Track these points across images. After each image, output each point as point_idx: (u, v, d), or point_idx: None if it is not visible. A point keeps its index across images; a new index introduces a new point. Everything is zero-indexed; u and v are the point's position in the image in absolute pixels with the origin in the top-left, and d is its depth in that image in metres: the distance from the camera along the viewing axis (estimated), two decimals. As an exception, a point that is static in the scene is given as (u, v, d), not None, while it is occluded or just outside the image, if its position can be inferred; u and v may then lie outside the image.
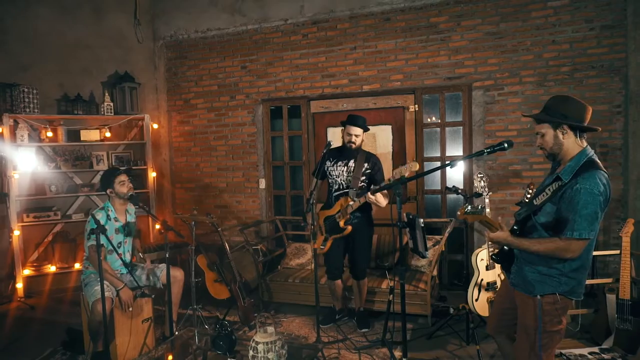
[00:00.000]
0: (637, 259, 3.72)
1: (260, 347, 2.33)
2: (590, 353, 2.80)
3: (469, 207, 2.00)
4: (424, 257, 2.21)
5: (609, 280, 3.44)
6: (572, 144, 2.14)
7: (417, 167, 2.69)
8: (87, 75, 5.54)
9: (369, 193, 3.38)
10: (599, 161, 2.12)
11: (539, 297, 2.12)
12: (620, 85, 4.28)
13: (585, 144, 2.16)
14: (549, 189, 2.15)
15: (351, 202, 3.62)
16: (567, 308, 2.18)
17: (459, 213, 2.03)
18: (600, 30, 4.29)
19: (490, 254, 2.33)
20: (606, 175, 2.06)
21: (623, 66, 4.25)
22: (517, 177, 4.62)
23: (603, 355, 2.77)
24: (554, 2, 4.39)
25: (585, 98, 4.32)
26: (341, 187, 3.80)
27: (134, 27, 5.74)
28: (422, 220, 2.18)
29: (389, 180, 3.23)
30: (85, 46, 5.51)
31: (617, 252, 3.36)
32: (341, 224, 3.66)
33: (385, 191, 3.43)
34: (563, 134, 2.12)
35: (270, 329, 2.42)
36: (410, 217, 2.24)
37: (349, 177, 3.76)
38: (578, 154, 2.12)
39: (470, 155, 2.34)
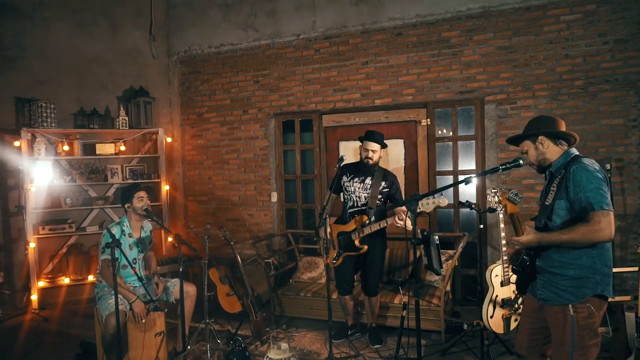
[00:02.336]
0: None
1: (274, 364, 2.32)
2: (609, 373, 2.74)
3: (511, 192, 2.04)
4: (438, 274, 2.19)
5: (628, 297, 3.37)
6: (553, 151, 2.27)
7: (445, 203, 2.67)
8: (103, 90, 5.64)
9: (396, 217, 3.37)
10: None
11: (571, 312, 2.09)
12: (635, 99, 4.24)
13: (566, 148, 2.28)
14: (553, 188, 2.22)
15: (367, 222, 3.61)
16: (601, 316, 2.15)
17: (500, 198, 2.07)
18: (614, 44, 4.27)
19: (512, 267, 2.31)
20: (595, 162, 2.17)
21: (638, 80, 4.21)
22: (530, 191, 4.57)
23: (623, 375, 2.71)
24: (567, 16, 4.39)
25: (600, 112, 4.33)
26: (356, 203, 3.79)
27: (149, 43, 5.84)
28: (437, 237, 2.16)
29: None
30: (102, 61, 5.62)
31: (635, 268, 3.30)
32: (357, 242, 3.65)
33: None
34: (542, 145, 2.27)
35: (284, 345, 2.41)
36: (425, 233, 2.23)
37: (365, 195, 3.75)
38: (563, 153, 2.26)
39: (484, 172, 2.35)
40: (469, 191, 4.89)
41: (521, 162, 2.24)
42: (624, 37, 4.24)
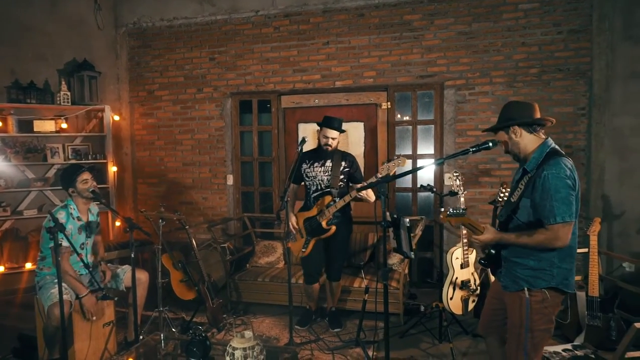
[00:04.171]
0: (603, 257, 3.84)
1: (237, 353, 2.21)
2: (564, 350, 2.86)
3: (450, 209, 1.98)
4: (408, 257, 2.16)
5: (579, 277, 3.52)
6: (528, 140, 2.23)
7: (405, 163, 2.67)
8: (42, 62, 5.16)
9: (358, 187, 3.32)
10: (561, 150, 2.20)
11: (527, 296, 2.11)
12: (585, 88, 4.41)
13: (543, 137, 2.24)
14: (521, 184, 2.21)
15: (331, 202, 3.54)
16: (558, 305, 2.20)
17: (441, 217, 2.02)
18: (568, 34, 4.40)
19: (479, 259, 2.32)
20: (570, 161, 2.13)
21: (588, 70, 4.38)
22: (486, 175, 4.68)
23: (576, 352, 2.83)
24: (525, 4, 4.46)
25: (552, 100, 4.46)
26: (319, 187, 3.71)
27: (94, 13, 5.40)
28: (407, 219, 2.12)
29: (375, 177, 3.19)
30: (40, 30, 5.13)
31: (584, 250, 3.44)
32: (323, 224, 3.57)
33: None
34: (515, 135, 2.23)
35: (248, 333, 2.30)
36: (395, 216, 2.18)
37: (327, 177, 3.67)
38: (539, 146, 2.21)
39: (456, 154, 2.31)
40: (427, 175, 4.94)
41: (490, 144, 2.23)
42: (577, 28, 4.37)
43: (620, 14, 4.20)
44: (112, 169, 5.23)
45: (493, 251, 2.29)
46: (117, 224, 5.30)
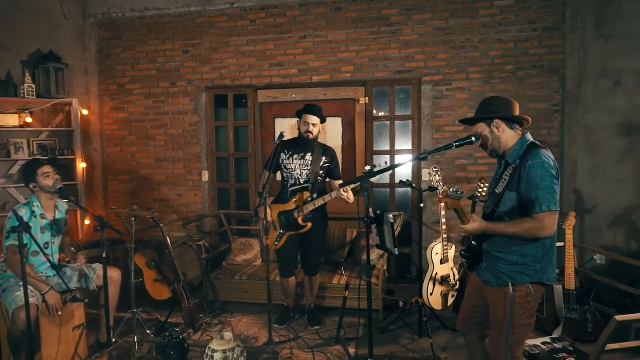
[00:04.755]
0: (577, 250, 3.91)
1: (217, 355, 2.13)
2: (543, 343, 2.89)
3: (452, 189, 1.96)
4: (392, 253, 2.12)
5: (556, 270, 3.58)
6: (508, 136, 2.23)
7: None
8: (4, 52, 4.88)
9: (341, 189, 3.25)
10: (539, 144, 2.22)
11: (511, 291, 2.11)
12: (558, 85, 4.48)
13: (522, 133, 2.25)
14: (506, 176, 2.21)
15: (309, 199, 3.48)
16: (540, 299, 2.20)
17: (440, 196, 2.00)
18: (542, 32, 4.46)
19: (460, 250, 2.29)
20: (551, 153, 2.16)
21: (561, 67, 4.45)
22: (462, 171, 4.71)
23: (555, 344, 2.87)
24: (501, 1, 4.50)
25: (526, 96, 4.52)
26: (298, 181, 3.63)
27: (60, 1, 5.15)
28: (391, 215, 2.08)
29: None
30: (2, 19, 4.86)
31: (561, 244, 3.50)
32: (300, 220, 3.50)
33: (352, 186, 3.31)
34: (498, 129, 2.22)
35: (228, 334, 2.22)
36: (378, 212, 2.14)
37: (306, 171, 3.60)
38: (519, 140, 2.22)
39: (439, 149, 2.29)
40: (404, 171, 4.94)
41: (473, 139, 2.22)
42: (551, 25, 4.44)
43: (592, 12, 4.27)
44: (81, 165, 5.02)
45: (474, 242, 2.27)
46: (87, 222, 5.10)
